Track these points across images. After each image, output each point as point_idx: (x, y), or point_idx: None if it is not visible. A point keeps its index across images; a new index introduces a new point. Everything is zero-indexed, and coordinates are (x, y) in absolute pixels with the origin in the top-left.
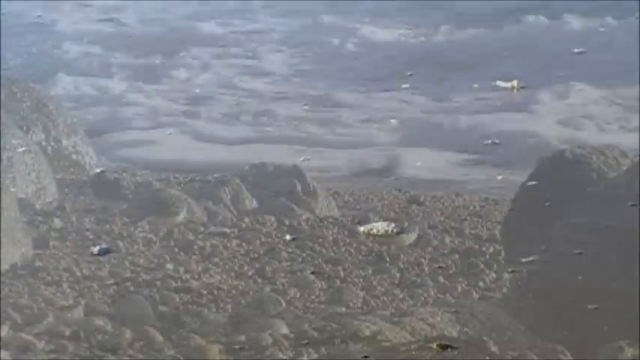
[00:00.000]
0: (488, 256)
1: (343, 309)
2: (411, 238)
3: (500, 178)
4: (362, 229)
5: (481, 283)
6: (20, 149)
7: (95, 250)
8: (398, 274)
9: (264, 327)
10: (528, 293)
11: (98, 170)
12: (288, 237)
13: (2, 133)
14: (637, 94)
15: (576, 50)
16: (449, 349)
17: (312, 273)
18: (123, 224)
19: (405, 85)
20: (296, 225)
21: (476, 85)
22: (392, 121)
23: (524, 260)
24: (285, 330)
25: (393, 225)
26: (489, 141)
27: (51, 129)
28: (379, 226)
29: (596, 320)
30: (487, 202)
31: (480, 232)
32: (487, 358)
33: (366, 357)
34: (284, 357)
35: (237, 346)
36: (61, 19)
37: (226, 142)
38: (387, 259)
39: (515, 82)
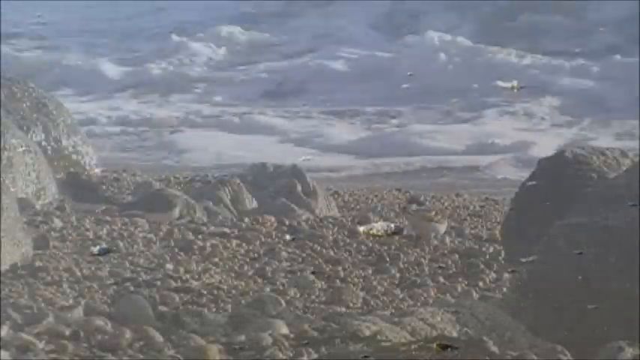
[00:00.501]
0: (488, 256)
1: (343, 309)
2: (443, 228)
3: (500, 177)
4: (362, 229)
5: (481, 283)
6: (20, 149)
7: (95, 250)
8: (398, 274)
9: (264, 327)
10: (528, 293)
11: (99, 171)
12: (288, 237)
13: (2, 133)
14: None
15: (577, 50)
16: (449, 349)
17: (312, 273)
18: (123, 224)
19: (405, 85)
20: (296, 225)
21: (475, 85)
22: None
23: (524, 260)
24: (285, 330)
25: (392, 225)
26: (490, 141)
27: (51, 129)
28: (379, 226)
29: (596, 320)
30: (487, 202)
31: (479, 232)
32: (487, 358)
33: (366, 357)
34: (284, 357)
35: (237, 346)
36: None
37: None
38: (387, 259)
39: (515, 82)
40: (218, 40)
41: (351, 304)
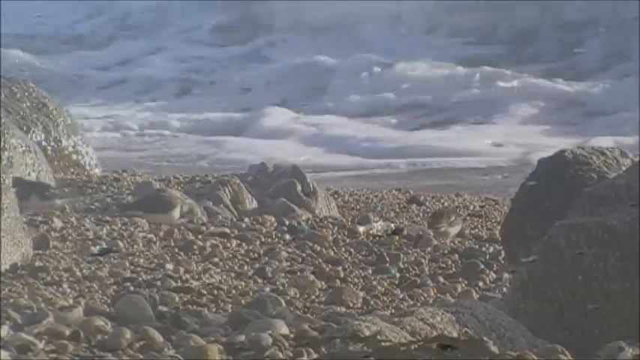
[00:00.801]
0: (488, 256)
1: (343, 309)
2: (456, 230)
3: (500, 177)
4: (362, 229)
5: (481, 283)
6: (20, 149)
7: (95, 250)
8: (398, 274)
9: (264, 327)
10: (528, 293)
11: (99, 171)
12: (288, 237)
13: (2, 133)
14: None
15: (576, 50)
16: (449, 349)
17: (312, 273)
18: (123, 224)
19: (404, 85)
20: (296, 225)
21: (475, 86)
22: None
23: (524, 260)
24: (285, 330)
25: (392, 225)
26: (490, 141)
27: (51, 129)
28: (379, 226)
29: (596, 320)
30: (487, 202)
31: (479, 232)
32: (487, 358)
33: (366, 357)
34: (284, 357)
35: (237, 346)
36: None
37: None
38: (387, 259)
39: (515, 83)
40: (215, 40)
41: (351, 304)
